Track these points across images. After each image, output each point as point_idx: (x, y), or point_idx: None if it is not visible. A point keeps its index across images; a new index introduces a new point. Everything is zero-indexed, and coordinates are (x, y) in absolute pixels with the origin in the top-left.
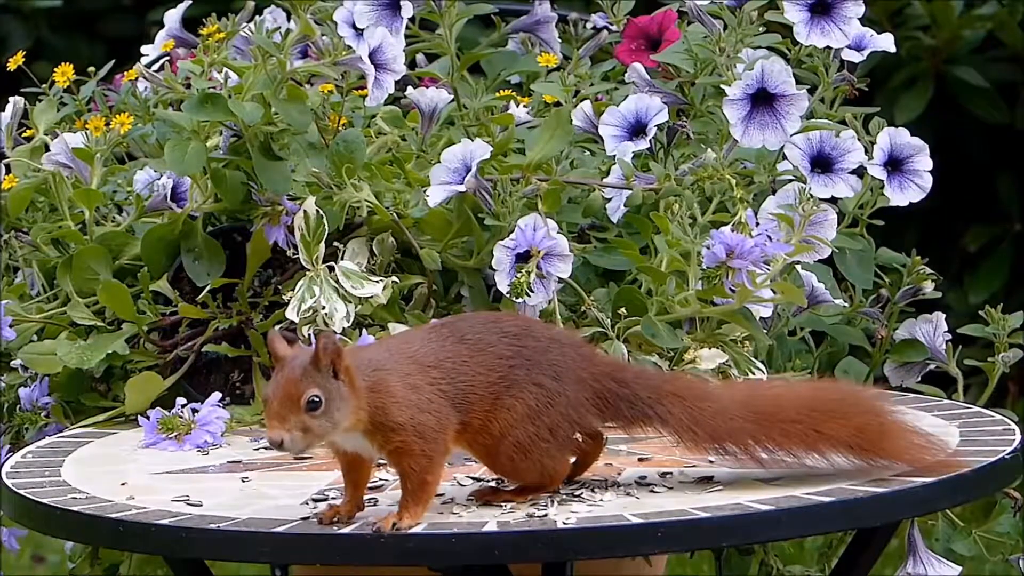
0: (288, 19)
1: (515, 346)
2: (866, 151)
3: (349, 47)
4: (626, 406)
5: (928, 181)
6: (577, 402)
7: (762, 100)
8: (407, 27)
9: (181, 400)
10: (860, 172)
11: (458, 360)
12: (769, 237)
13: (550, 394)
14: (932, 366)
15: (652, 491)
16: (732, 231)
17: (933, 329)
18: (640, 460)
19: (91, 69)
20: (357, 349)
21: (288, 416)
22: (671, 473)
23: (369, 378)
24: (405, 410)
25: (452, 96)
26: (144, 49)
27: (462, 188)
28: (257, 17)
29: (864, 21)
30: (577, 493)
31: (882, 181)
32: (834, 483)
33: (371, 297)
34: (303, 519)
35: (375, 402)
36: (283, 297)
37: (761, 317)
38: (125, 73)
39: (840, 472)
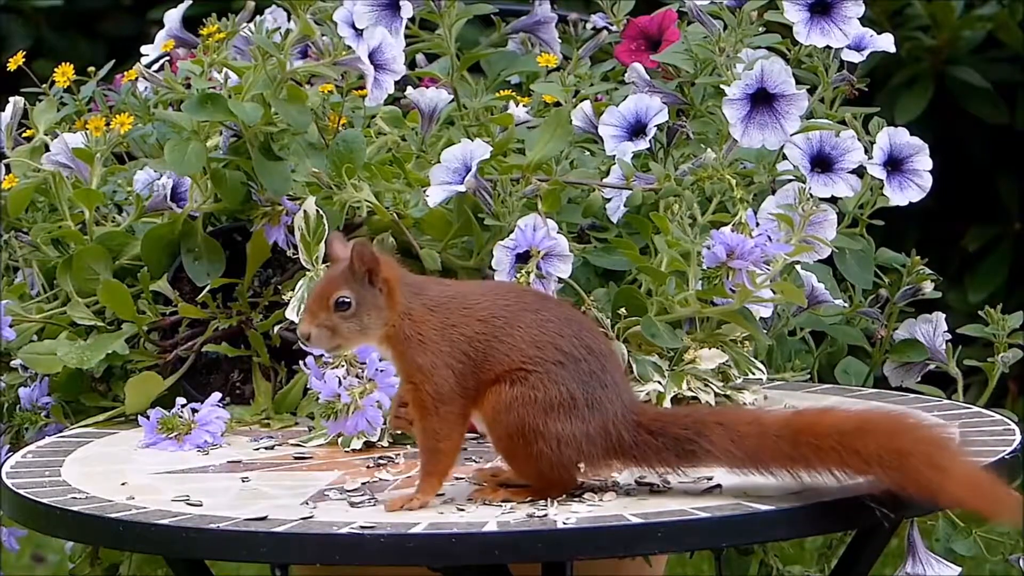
0: (288, 19)
1: (576, 351)
2: (866, 151)
3: (349, 47)
4: (663, 455)
5: (928, 181)
6: (592, 441)
7: (762, 100)
8: (407, 27)
9: (181, 400)
10: (860, 172)
11: (513, 322)
12: (769, 237)
13: (575, 410)
14: (932, 366)
15: (652, 491)
16: (732, 231)
17: (933, 329)
18: None
19: (91, 69)
20: (419, 277)
21: (318, 313)
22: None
23: (413, 306)
24: (430, 355)
25: (452, 96)
26: (144, 49)
27: (462, 188)
28: (257, 17)
29: (864, 21)
30: (577, 493)
31: (882, 181)
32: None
33: None
34: (303, 519)
35: (407, 330)
36: (283, 297)
37: (761, 317)
38: (125, 73)
39: None
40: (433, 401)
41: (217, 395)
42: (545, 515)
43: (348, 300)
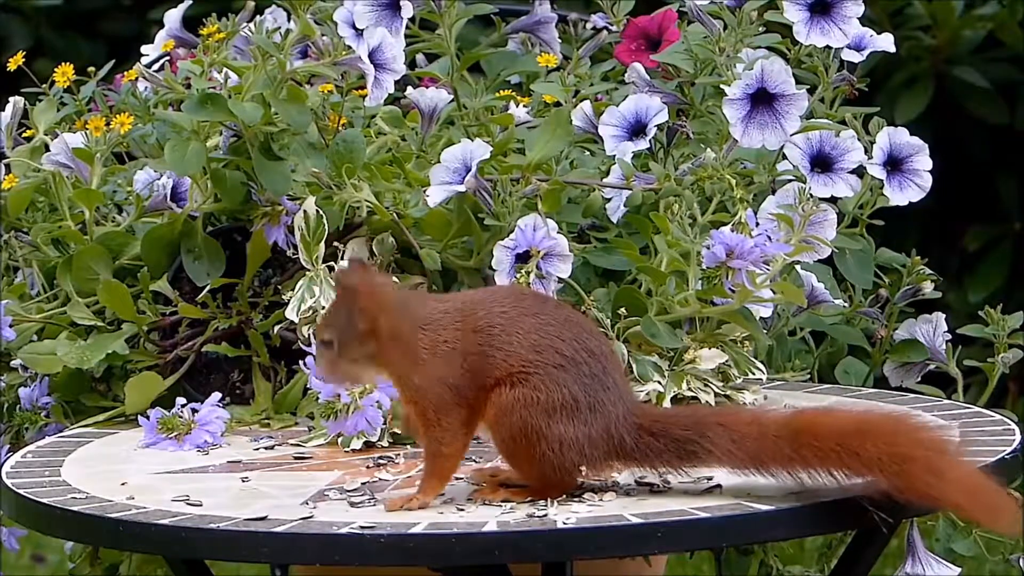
0: (288, 19)
1: (577, 354)
2: (866, 151)
3: (349, 47)
4: (665, 456)
5: (927, 181)
6: (594, 444)
7: (762, 100)
8: (407, 27)
9: (181, 400)
10: (860, 172)
11: (510, 329)
12: (769, 237)
13: (578, 413)
14: (932, 366)
15: (652, 491)
16: (732, 231)
17: (933, 329)
18: None
19: (91, 69)
20: (415, 294)
21: (321, 355)
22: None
23: (402, 328)
24: (423, 374)
25: (452, 96)
26: (144, 49)
27: (462, 188)
28: (257, 17)
29: (864, 21)
30: (577, 493)
31: (882, 181)
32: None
33: None
34: (303, 519)
35: (399, 354)
36: (283, 297)
37: (761, 317)
38: (125, 73)
39: None
40: (434, 415)
41: (217, 395)
42: (545, 515)
43: (330, 339)
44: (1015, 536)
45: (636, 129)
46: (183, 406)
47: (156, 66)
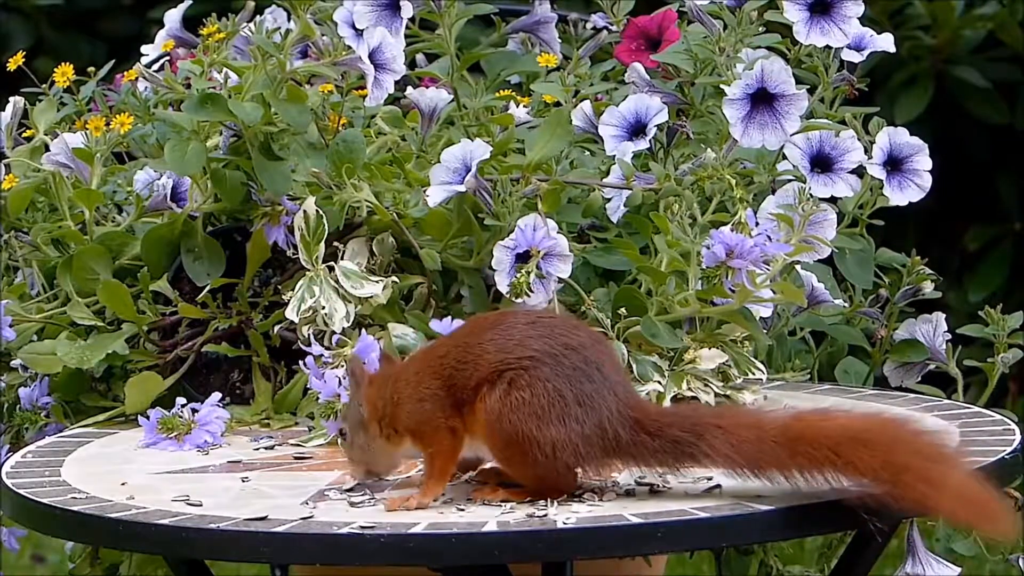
0: (288, 19)
1: (552, 348)
2: (866, 151)
3: (349, 47)
4: (661, 456)
5: (927, 181)
6: (589, 441)
7: (762, 100)
8: (407, 27)
9: (181, 400)
10: (860, 172)
11: (473, 341)
12: (769, 237)
13: (567, 410)
14: (932, 366)
15: (652, 491)
16: (732, 231)
17: (933, 329)
18: None
19: (91, 69)
20: (401, 361)
21: (342, 444)
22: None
23: (389, 390)
24: (404, 407)
25: (452, 96)
26: (144, 49)
27: (462, 188)
28: (257, 17)
29: (864, 21)
30: (577, 493)
31: (881, 181)
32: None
33: (371, 297)
34: (303, 519)
35: (390, 411)
36: (283, 297)
37: (761, 317)
38: (125, 73)
39: None
40: (422, 426)
41: (217, 395)
42: (545, 515)
43: (344, 432)
44: (1009, 541)
45: (636, 129)
46: (183, 406)
47: (156, 66)
